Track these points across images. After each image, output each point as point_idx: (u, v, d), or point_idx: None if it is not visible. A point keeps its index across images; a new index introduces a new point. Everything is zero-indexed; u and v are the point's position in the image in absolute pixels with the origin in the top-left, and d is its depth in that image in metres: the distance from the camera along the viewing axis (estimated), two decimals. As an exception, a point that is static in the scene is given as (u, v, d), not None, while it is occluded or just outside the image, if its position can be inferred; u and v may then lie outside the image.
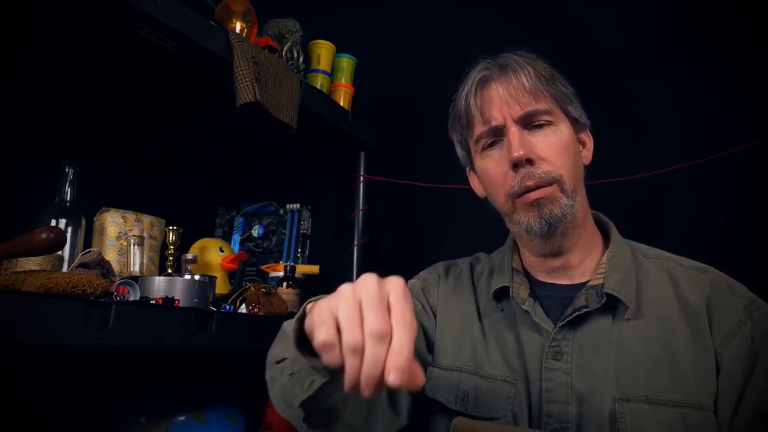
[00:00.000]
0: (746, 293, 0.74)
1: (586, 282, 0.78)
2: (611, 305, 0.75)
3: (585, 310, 0.74)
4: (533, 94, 0.76)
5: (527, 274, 0.85)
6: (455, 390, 0.80)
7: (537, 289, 0.82)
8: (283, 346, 0.66)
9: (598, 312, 0.75)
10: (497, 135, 0.79)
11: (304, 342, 0.57)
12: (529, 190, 0.75)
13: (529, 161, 0.75)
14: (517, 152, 0.74)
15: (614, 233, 0.83)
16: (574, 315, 0.74)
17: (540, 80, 0.77)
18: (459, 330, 0.85)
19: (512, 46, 0.82)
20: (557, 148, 0.76)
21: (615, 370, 0.71)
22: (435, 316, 0.89)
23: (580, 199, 0.79)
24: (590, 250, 0.81)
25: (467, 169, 0.90)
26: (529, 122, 0.77)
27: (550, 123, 0.77)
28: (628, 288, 0.75)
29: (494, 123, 0.78)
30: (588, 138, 0.85)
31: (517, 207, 0.77)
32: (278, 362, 0.65)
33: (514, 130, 0.76)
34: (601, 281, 0.76)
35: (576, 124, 0.81)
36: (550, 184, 0.74)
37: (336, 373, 0.54)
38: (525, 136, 0.76)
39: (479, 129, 0.80)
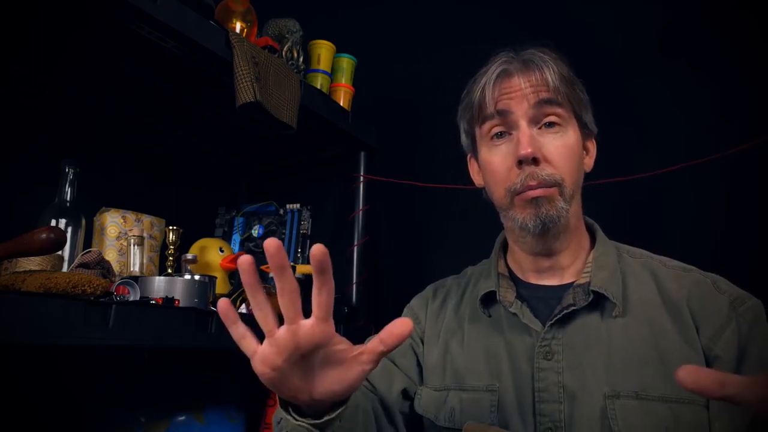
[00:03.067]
0: (731, 289, 0.74)
1: (574, 281, 0.79)
2: (599, 303, 0.76)
3: (573, 308, 0.75)
4: (555, 92, 0.77)
5: (514, 278, 0.85)
6: (443, 408, 0.81)
7: (525, 290, 0.83)
8: (278, 409, 0.69)
9: (586, 310, 0.76)
10: (507, 128, 0.79)
11: (288, 405, 0.59)
12: (530, 188, 0.75)
13: (535, 161, 0.75)
14: (525, 150, 0.74)
15: (600, 234, 0.84)
16: (562, 314, 0.75)
17: (562, 81, 0.77)
18: (444, 348, 0.86)
19: (513, 46, 0.82)
20: (563, 151, 0.77)
21: (605, 367, 0.71)
22: (423, 342, 0.91)
23: (576, 204, 0.80)
24: (579, 252, 0.82)
25: (468, 155, 0.91)
26: (540, 118, 0.77)
27: (560, 124, 0.78)
28: (615, 286, 0.76)
29: (507, 117, 0.78)
30: (592, 146, 0.85)
31: (515, 204, 0.77)
32: (278, 423, 0.68)
33: (524, 127, 0.76)
34: (587, 280, 0.78)
35: (584, 131, 0.82)
36: (551, 186, 0.75)
37: (323, 428, 0.58)
38: (534, 135, 0.77)
39: (490, 120, 0.80)
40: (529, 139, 0.75)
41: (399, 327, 0.51)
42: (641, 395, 0.69)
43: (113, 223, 1.21)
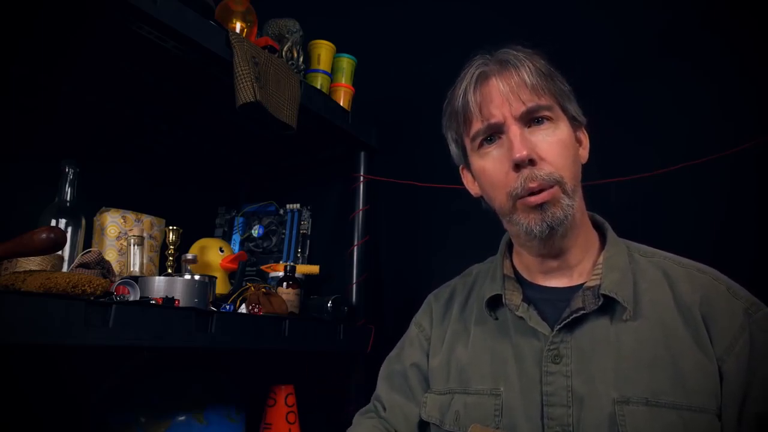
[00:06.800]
0: (747, 295, 0.73)
1: (583, 284, 0.78)
2: (609, 306, 0.74)
3: (582, 312, 0.74)
4: (534, 90, 0.75)
5: (520, 280, 0.84)
6: (448, 412, 0.81)
7: (532, 292, 0.82)
8: None
9: (595, 314, 0.74)
10: (495, 132, 0.77)
11: None
12: (532, 192, 0.74)
13: (531, 161, 0.73)
14: (520, 152, 0.72)
15: (610, 233, 0.82)
16: (571, 318, 0.74)
17: (541, 76, 0.75)
18: (448, 352, 0.86)
19: (487, 48, 0.81)
20: (558, 148, 0.75)
21: (615, 372, 0.70)
22: (429, 351, 0.91)
23: (579, 198, 0.78)
24: (587, 250, 0.81)
25: (460, 167, 0.89)
26: (529, 119, 0.75)
27: (550, 119, 0.76)
28: (626, 289, 0.74)
29: (493, 120, 0.76)
30: (584, 136, 0.83)
31: (518, 208, 0.76)
32: None
33: (514, 129, 0.74)
34: (597, 282, 0.76)
35: (573, 122, 0.79)
36: (551, 186, 0.73)
37: None
38: (526, 135, 0.74)
39: (477, 126, 0.78)
40: (521, 140, 0.73)
41: None
42: (651, 402, 0.67)
43: (113, 223, 1.21)
